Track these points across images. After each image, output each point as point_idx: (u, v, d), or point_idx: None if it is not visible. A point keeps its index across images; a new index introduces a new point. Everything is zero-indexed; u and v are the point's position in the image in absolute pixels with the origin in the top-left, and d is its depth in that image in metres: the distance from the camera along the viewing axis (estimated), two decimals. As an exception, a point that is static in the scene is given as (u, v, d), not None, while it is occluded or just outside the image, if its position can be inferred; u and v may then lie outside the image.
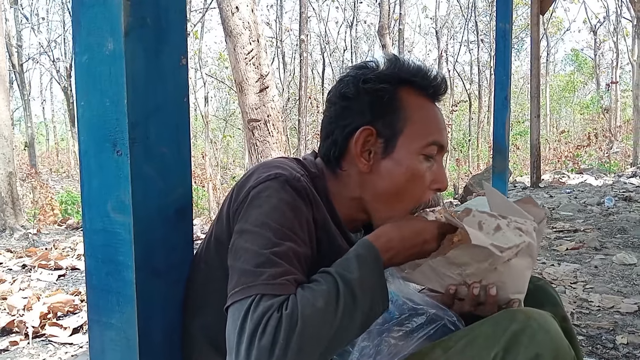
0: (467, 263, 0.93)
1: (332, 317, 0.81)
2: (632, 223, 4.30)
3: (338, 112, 1.02)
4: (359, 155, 0.99)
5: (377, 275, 0.87)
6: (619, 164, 14.54)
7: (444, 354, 0.89)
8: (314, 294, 0.82)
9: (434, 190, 1.03)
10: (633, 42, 18.35)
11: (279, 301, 0.81)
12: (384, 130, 0.99)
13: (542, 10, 6.88)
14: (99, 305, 0.97)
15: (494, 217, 0.94)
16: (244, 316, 0.80)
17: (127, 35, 0.87)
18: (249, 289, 0.82)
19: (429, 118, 1.02)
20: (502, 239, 0.91)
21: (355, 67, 1.04)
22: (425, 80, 1.02)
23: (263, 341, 0.77)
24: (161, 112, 0.93)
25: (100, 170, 0.92)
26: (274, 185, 0.90)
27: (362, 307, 0.84)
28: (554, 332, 0.84)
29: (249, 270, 0.84)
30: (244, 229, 0.88)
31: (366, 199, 1.02)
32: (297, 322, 0.78)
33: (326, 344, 0.80)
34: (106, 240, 0.93)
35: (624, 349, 2.12)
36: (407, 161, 0.99)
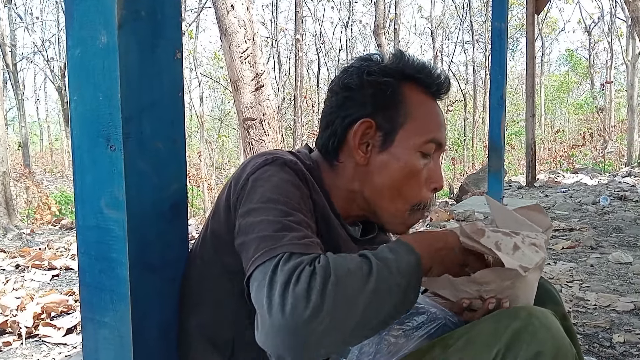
0: (490, 282, 0.92)
1: (365, 279, 0.78)
2: (628, 222, 4.30)
3: (340, 102, 1.00)
4: (357, 147, 0.98)
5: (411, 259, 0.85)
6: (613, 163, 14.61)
7: (444, 352, 0.88)
8: (346, 258, 0.80)
9: (431, 189, 1.02)
10: (627, 43, 18.44)
11: (310, 257, 0.78)
12: (384, 124, 0.98)
13: (538, 10, 6.89)
14: (92, 303, 0.95)
15: (508, 235, 0.93)
16: (272, 271, 0.76)
17: (121, 28, 0.86)
18: (273, 250, 0.79)
19: (429, 115, 1.01)
20: (525, 259, 0.90)
21: (360, 58, 1.03)
22: (429, 77, 1.01)
23: (298, 288, 0.73)
24: (156, 106, 0.92)
25: (93, 165, 0.91)
26: (273, 167, 0.90)
27: (397, 281, 0.81)
28: (556, 330, 0.83)
29: (269, 235, 0.81)
30: (250, 208, 0.85)
31: (364, 193, 1.01)
32: (331, 274, 0.75)
33: (363, 306, 0.76)
34: (99, 237, 0.91)
35: (621, 347, 2.12)
36: (404, 156, 0.98)
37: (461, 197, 6.98)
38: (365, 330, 0.80)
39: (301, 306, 0.72)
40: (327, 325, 0.73)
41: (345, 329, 0.76)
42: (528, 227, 1.01)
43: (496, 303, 0.92)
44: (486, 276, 0.91)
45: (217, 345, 0.93)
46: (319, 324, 0.72)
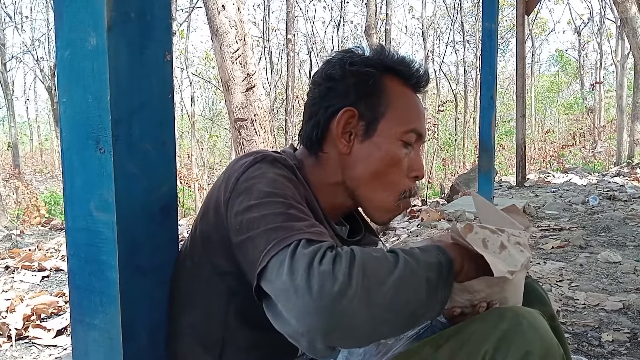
0: (480, 290, 0.92)
1: (392, 266, 0.76)
2: (616, 221, 4.34)
3: (322, 92, 1.01)
4: (340, 136, 0.99)
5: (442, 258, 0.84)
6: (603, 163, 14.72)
7: (434, 352, 0.88)
8: (369, 248, 0.79)
9: (412, 178, 1.03)
10: (616, 43, 18.58)
11: (329, 244, 0.76)
12: (366, 113, 0.99)
13: (528, 11, 6.93)
14: (82, 306, 0.95)
15: (495, 233, 0.94)
16: (291, 255, 0.74)
17: (110, 30, 0.85)
18: (288, 239, 0.76)
19: (410, 106, 1.03)
20: (510, 260, 0.90)
21: (342, 51, 1.05)
22: (408, 69, 1.03)
23: (323, 267, 0.71)
24: (145, 108, 0.92)
25: (83, 168, 0.90)
26: (264, 164, 0.90)
27: (426, 274, 0.79)
28: (544, 330, 0.84)
29: (278, 226, 0.79)
30: (250, 205, 0.83)
31: (348, 183, 1.01)
32: (355, 257, 0.74)
33: (391, 292, 0.74)
34: (89, 240, 0.91)
35: (610, 346, 2.14)
36: (386, 145, 0.99)
37: (452, 197, 7.00)
38: (397, 319, 0.77)
39: (328, 285, 0.70)
40: (357, 306, 0.71)
41: (374, 313, 0.73)
42: (512, 225, 1.02)
43: (486, 307, 0.93)
44: (477, 285, 0.92)
45: (206, 345, 0.94)
46: (348, 302, 0.70)
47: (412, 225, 4.83)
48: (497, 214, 1.05)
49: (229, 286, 0.90)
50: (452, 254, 0.87)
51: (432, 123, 14.58)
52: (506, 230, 0.96)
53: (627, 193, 6.06)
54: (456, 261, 0.87)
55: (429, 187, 11.86)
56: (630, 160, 13.15)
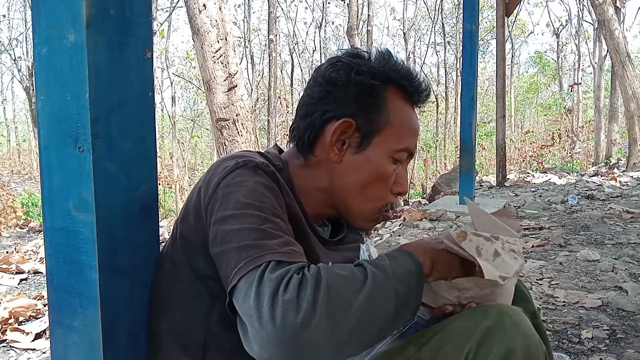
0: (469, 289, 0.93)
1: (360, 285, 0.77)
2: (595, 220, 4.40)
3: (322, 95, 0.99)
4: (333, 144, 0.98)
5: (412, 266, 0.85)
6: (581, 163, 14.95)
7: (418, 350, 0.88)
8: (336, 266, 0.80)
9: (395, 193, 1.03)
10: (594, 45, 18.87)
11: (297, 266, 0.77)
12: (364, 126, 0.98)
13: (508, 13, 7.01)
14: (61, 307, 0.93)
15: (489, 240, 0.94)
16: (258, 280, 0.74)
17: (89, 26, 0.84)
18: (258, 259, 0.77)
19: (407, 124, 1.01)
20: (504, 266, 0.91)
21: (349, 54, 1.01)
22: (412, 85, 1.01)
23: (287, 295, 0.71)
24: (125, 106, 0.90)
25: (61, 167, 0.89)
26: (245, 171, 0.88)
27: (394, 287, 0.80)
28: (526, 328, 0.85)
29: (250, 244, 0.79)
30: (226, 215, 0.83)
31: (333, 191, 1.01)
32: (321, 280, 0.74)
33: (357, 313, 0.75)
34: (68, 240, 0.90)
35: (589, 343, 2.16)
36: (377, 161, 0.98)
37: (434, 196, 7.05)
38: (364, 338, 0.78)
39: (291, 315, 0.71)
40: (320, 334, 0.72)
41: (339, 337, 0.74)
42: (506, 232, 1.02)
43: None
44: (466, 283, 0.93)
45: (187, 348, 0.92)
46: (311, 332, 0.71)
47: (394, 225, 4.85)
48: (492, 221, 1.05)
49: (210, 289, 0.89)
50: (421, 258, 0.88)
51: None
52: (501, 238, 0.96)
53: (605, 192, 6.15)
54: (425, 265, 0.88)
55: (411, 187, 11.92)
56: (608, 160, 13.38)
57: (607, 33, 9.91)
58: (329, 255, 1.03)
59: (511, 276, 0.90)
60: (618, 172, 9.32)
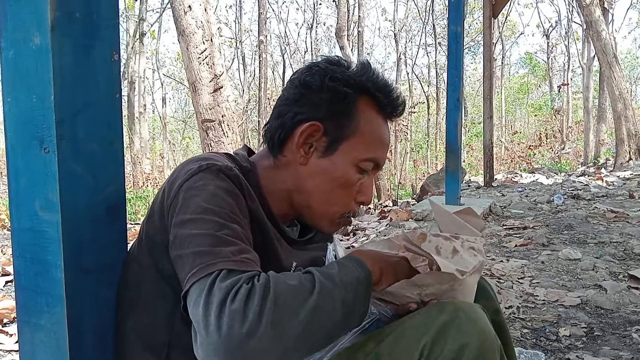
0: (429, 285, 0.95)
1: (307, 294, 0.79)
2: (579, 220, 4.44)
3: (296, 97, 1.01)
4: (300, 146, 1.00)
5: (360, 274, 0.88)
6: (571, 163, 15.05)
7: (377, 346, 0.90)
8: (286, 275, 0.82)
9: (358, 202, 1.05)
10: (583, 46, 19.01)
11: (248, 275, 0.79)
12: (332, 131, 0.99)
13: (495, 14, 7.05)
14: (28, 307, 0.94)
15: (448, 240, 0.97)
16: (209, 289, 0.76)
17: (54, 30, 0.86)
18: (210, 267, 0.79)
19: (376, 135, 1.03)
20: (462, 263, 0.94)
21: (328, 60, 1.03)
22: (386, 98, 1.03)
23: (234, 305, 0.74)
24: (91, 108, 0.92)
25: (27, 168, 0.90)
26: (208, 175, 0.89)
27: (341, 295, 0.82)
28: (481, 324, 0.87)
29: (204, 250, 0.81)
30: (185, 219, 0.85)
31: (298, 192, 1.02)
32: (270, 290, 0.76)
33: (304, 322, 0.77)
34: (34, 240, 0.91)
35: (566, 340, 2.19)
36: (342, 167, 1.00)
37: (422, 197, 7.09)
38: (311, 345, 0.81)
39: (237, 325, 0.73)
40: (266, 344, 0.74)
41: (285, 346, 0.76)
42: (468, 231, 1.05)
43: None
44: (425, 279, 0.95)
45: (152, 347, 0.94)
46: (256, 342, 0.73)
47: (381, 225, 4.88)
48: (454, 220, 1.08)
49: (175, 290, 0.90)
50: (370, 266, 0.90)
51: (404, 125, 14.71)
52: (461, 237, 0.99)
53: (591, 192, 6.20)
54: (374, 273, 0.91)
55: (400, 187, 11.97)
56: (596, 160, 13.49)
57: (595, 34, 9.98)
58: (296, 255, 1.05)
59: (470, 271, 0.92)
60: (605, 172, 9.40)
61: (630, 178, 7.90)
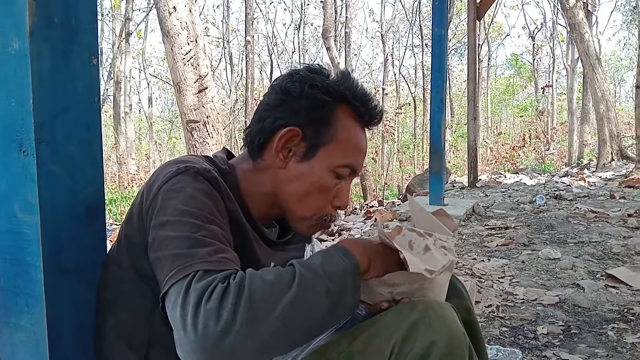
0: (400, 284, 0.97)
1: (286, 288, 0.81)
2: (560, 220, 4.51)
3: (277, 103, 1.03)
4: (279, 150, 1.02)
5: (347, 264, 0.89)
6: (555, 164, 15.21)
7: (350, 344, 0.93)
8: (264, 271, 0.84)
9: (335, 207, 1.07)
10: (567, 48, 19.24)
11: (223, 275, 0.81)
12: (310, 137, 1.02)
13: (479, 16, 7.12)
14: (8, 307, 0.96)
15: (422, 236, 0.99)
16: (185, 290, 0.79)
17: (33, 35, 0.87)
18: (187, 269, 0.81)
19: (353, 142, 1.06)
20: (432, 261, 0.96)
21: (308, 68, 1.06)
22: (364, 107, 1.06)
23: (209, 305, 0.76)
24: (70, 111, 0.93)
25: (6, 170, 0.92)
26: (186, 177, 0.91)
27: (325, 286, 0.84)
28: (451, 322, 0.90)
29: (181, 253, 0.83)
30: (163, 221, 0.87)
31: (277, 195, 1.05)
32: (244, 288, 0.78)
33: (280, 316, 0.79)
34: (13, 241, 0.92)
35: (544, 338, 2.23)
36: (319, 172, 1.03)
37: (407, 197, 7.13)
38: (292, 339, 0.83)
39: (212, 324, 0.75)
40: (241, 342, 0.76)
41: (262, 342, 0.78)
42: (441, 230, 1.08)
43: None
44: (395, 278, 0.97)
45: (132, 346, 0.96)
46: (232, 340, 0.75)
47: (366, 225, 4.91)
48: (430, 219, 1.11)
49: (154, 290, 0.92)
50: (358, 255, 0.92)
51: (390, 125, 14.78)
52: (434, 235, 1.02)
53: (573, 192, 6.29)
54: (362, 262, 0.92)
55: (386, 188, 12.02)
56: (579, 161, 13.66)
57: (578, 36, 10.12)
58: (275, 256, 1.07)
59: (439, 270, 0.94)
60: (588, 172, 9.53)
61: (612, 179, 8.03)
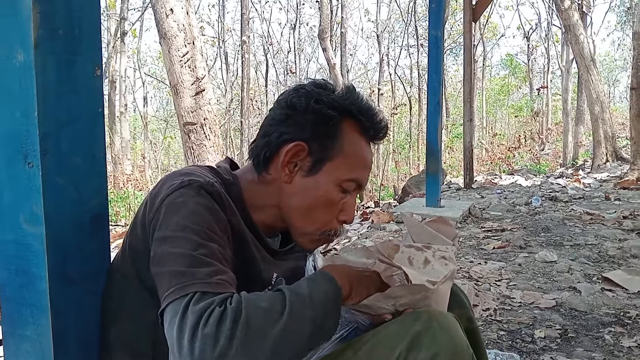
0: (402, 296, 0.99)
1: (278, 316, 0.82)
2: (556, 222, 4.53)
3: (282, 117, 1.04)
4: (285, 165, 1.03)
5: (330, 290, 0.91)
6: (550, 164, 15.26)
7: (355, 354, 0.94)
8: (259, 297, 0.85)
9: (340, 221, 1.08)
10: (562, 49, 19.29)
11: (221, 298, 0.82)
12: (316, 152, 1.03)
13: (475, 18, 7.14)
14: (13, 318, 0.96)
15: (420, 250, 1.01)
16: (183, 311, 0.80)
17: (37, 46, 0.88)
18: (185, 288, 0.82)
19: (359, 157, 1.06)
20: (433, 273, 0.98)
21: (314, 83, 1.07)
22: (369, 122, 1.07)
23: (207, 329, 0.77)
24: (74, 123, 0.94)
25: (11, 182, 0.92)
26: (189, 191, 0.92)
27: (312, 314, 0.86)
28: (454, 332, 0.91)
29: (181, 271, 0.84)
30: (165, 235, 0.88)
31: (282, 209, 1.06)
32: (241, 314, 0.79)
33: (273, 343, 0.80)
34: (18, 252, 0.93)
35: (541, 342, 2.25)
36: (325, 186, 1.03)
37: (403, 198, 7.15)
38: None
39: (209, 349, 0.76)
40: None
41: None
42: (440, 240, 1.10)
43: None
44: (398, 291, 0.98)
45: (136, 356, 0.96)
46: None
47: (363, 227, 4.92)
48: (426, 231, 1.12)
49: (157, 301, 0.92)
50: (340, 281, 0.94)
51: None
52: (432, 247, 1.03)
53: (568, 194, 6.32)
54: (344, 288, 0.94)
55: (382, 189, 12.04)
56: (574, 162, 13.71)
57: (573, 38, 10.16)
58: (277, 265, 1.08)
59: (440, 281, 0.96)
60: (583, 173, 9.57)
61: (607, 180, 8.07)
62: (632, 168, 7.90)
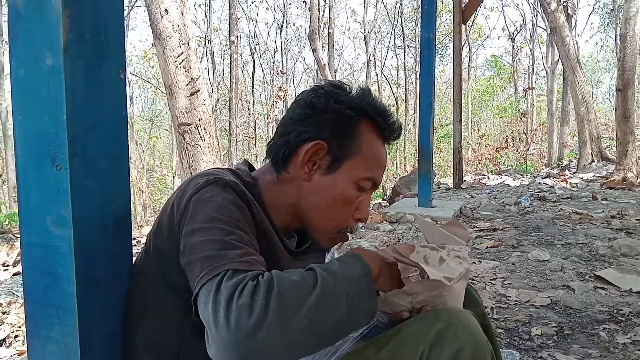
0: (419, 292, 1.01)
1: (311, 288, 0.83)
2: (546, 221, 4.60)
3: (301, 117, 1.06)
4: (304, 163, 1.05)
5: (361, 270, 0.92)
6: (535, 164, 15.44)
7: (377, 352, 0.96)
8: (290, 272, 0.87)
9: (356, 219, 1.10)
10: (547, 50, 19.51)
11: (253, 274, 0.83)
12: (335, 151, 1.05)
13: (464, 20, 7.21)
14: (37, 319, 0.97)
15: (435, 249, 1.04)
16: (216, 288, 0.81)
17: (67, 51, 0.89)
18: (217, 268, 0.83)
19: (375, 156, 1.09)
20: (449, 270, 1.00)
21: (332, 84, 1.10)
22: (386, 123, 1.10)
23: (241, 300, 0.78)
24: (100, 126, 0.95)
25: (38, 185, 0.93)
26: (216, 188, 0.94)
27: (344, 289, 0.87)
28: (474, 329, 0.93)
29: (212, 255, 0.86)
30: (194, 228, 0.90)
31: (300, 207, 1.08)
32: (274, 286, 0.81)
33: (307, 315, 0.81)
34: (45, 254, 0.94)
35: (538, 339, 2.29)
36: (343, 185, 1.06)
37: (394, 199, 7.19)
38: (317, 339, 0.85)
39: (244, 319, 0.77)
40: (272, 336, 0.78)
41: (291, 338, 0.80)
42: (453, 241, 1.13)
43: None
44: (415, 288, 1.01)
45: (161, 356, 0.97)
46: (264, 334, 0.77)
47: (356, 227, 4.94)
48: (440, 232, 1.15)
49: (182, 300, 0.94)
50: (369, 261, 0.95)
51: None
52: (446, 247, 1.06)
53: (557, 194, 6.41)
54: (374, 270, 0.96)
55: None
56: (560, 162, 13.88)
57: (559, 40, 10.29)
58: (294, 264, 1.10)
59: (456, 278, 0.99)
60: (569, 173, 9.70)
61: (593, 180, 8.19)
62: (618, 168, 8.03)
